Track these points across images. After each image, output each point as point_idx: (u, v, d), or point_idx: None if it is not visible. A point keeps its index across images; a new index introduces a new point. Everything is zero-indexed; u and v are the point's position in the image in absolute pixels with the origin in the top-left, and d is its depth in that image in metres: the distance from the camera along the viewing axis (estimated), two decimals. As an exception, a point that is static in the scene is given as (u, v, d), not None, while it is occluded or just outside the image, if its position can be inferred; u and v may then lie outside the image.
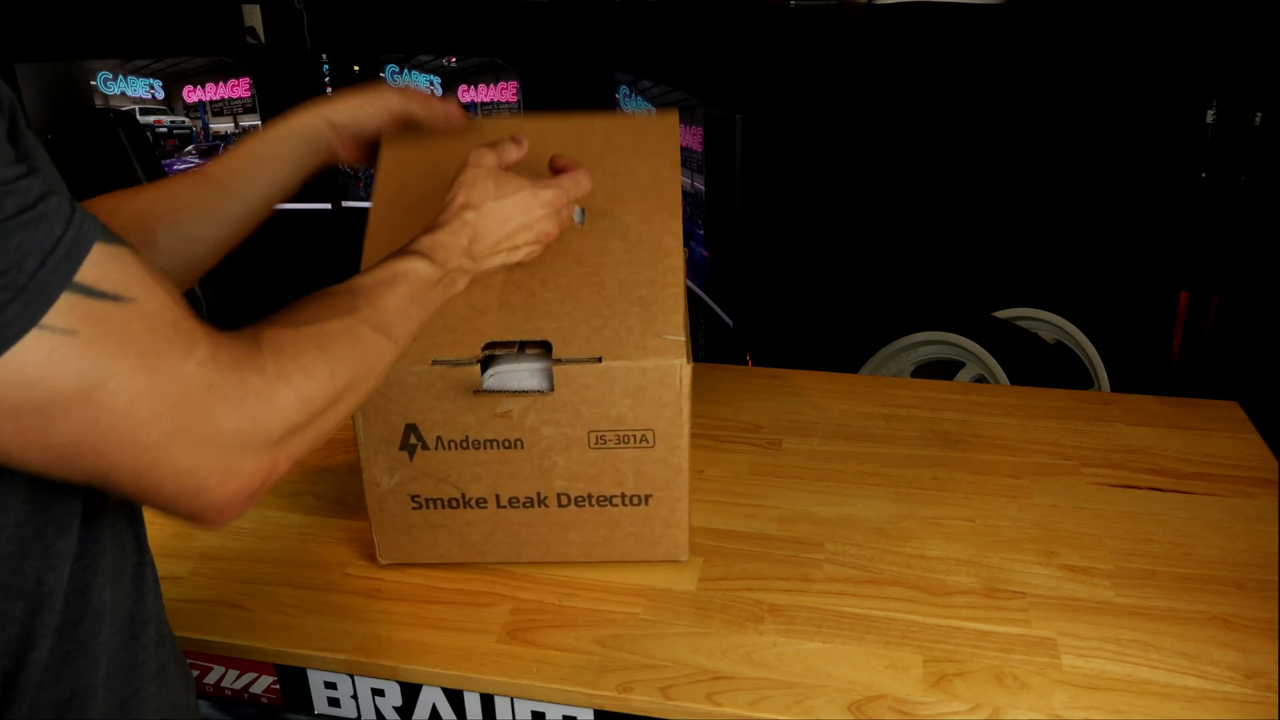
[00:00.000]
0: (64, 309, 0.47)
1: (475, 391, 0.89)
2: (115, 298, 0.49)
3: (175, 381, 0.51)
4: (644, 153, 0.98)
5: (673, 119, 1.01)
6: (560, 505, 0.94)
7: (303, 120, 0.92)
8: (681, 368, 0.88)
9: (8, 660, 0.55)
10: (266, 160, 0.90)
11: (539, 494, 0.94)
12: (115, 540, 0.62)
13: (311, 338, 0.62)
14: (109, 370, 0.48)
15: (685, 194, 1.92)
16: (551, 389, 0.89)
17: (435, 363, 0.89)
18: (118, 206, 0.84)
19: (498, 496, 0.94)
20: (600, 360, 0.88)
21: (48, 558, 0.56)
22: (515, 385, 0.90)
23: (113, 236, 0.50)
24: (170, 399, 0.51)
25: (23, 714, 0.56)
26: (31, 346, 0.46)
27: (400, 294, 0.72)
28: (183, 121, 2.43)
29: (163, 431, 0.51)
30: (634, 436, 0.90)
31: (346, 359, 0.64)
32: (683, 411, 0.89)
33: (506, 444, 0.91)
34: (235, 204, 0.89)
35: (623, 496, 0.94)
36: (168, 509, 0.55)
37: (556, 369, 0.88)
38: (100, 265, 0.49)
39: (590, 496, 0.94)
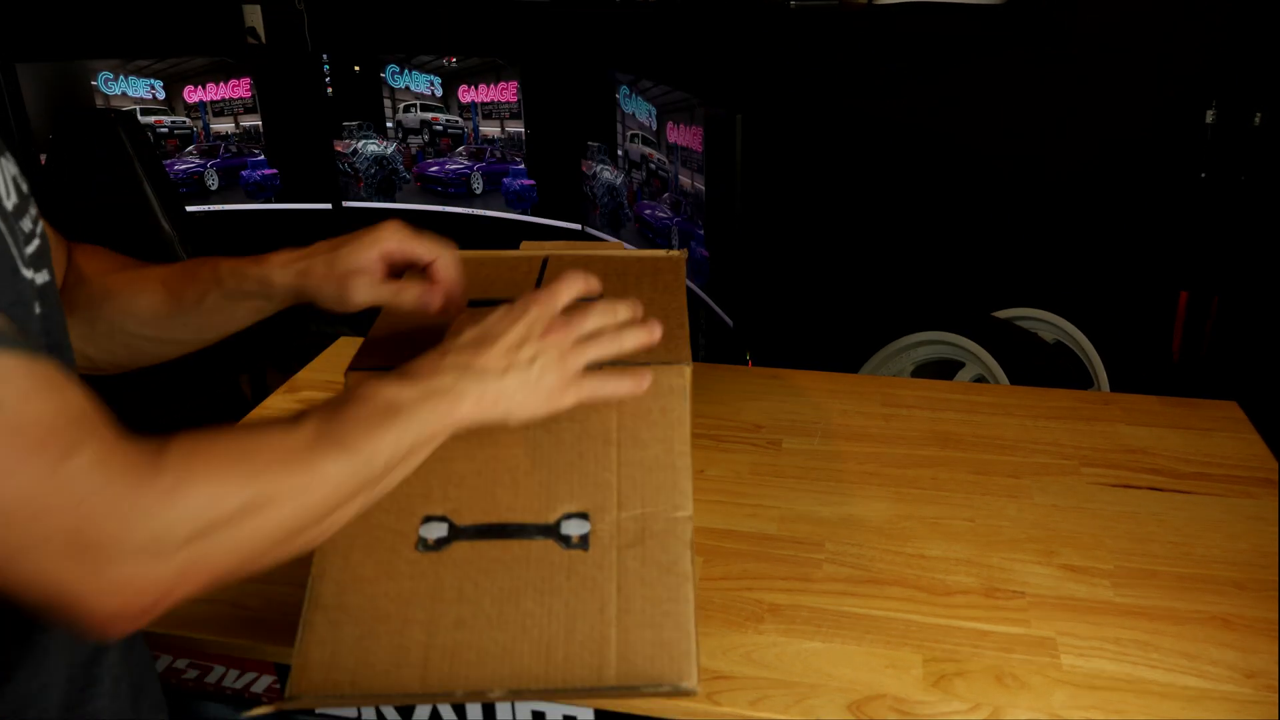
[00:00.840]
0: None
1: None
2: None
3: (38, 488, 0.48)
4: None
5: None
6: None
7: (272, 279, 0.80)
8: (683, 371, 0.88)
9: None
10: (225, 305, 0.81)
11: None
12: None
13: (230, 444, 0.57)
14: None
15: (685, 193, 1.92)
16: None
17: None
18: (101, 268, 0.80)
19: None
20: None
21: None
22: None
23: (5, 341, 0.49)
24: (30, 507, 0.48)
25: None
26: None
27: (360, 406, 0.63)
28: (183, 122, 2.43)
29: (20, 539, 0.48)
30: None
31: (273, 466, 0.57)
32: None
33: None
34: (187, 333, 0.82)
35: None
36: (42, 617, 0.51)
37: None
38: None
39: None
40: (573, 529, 0.80)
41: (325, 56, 2.40)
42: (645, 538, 0.80)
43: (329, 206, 2.51)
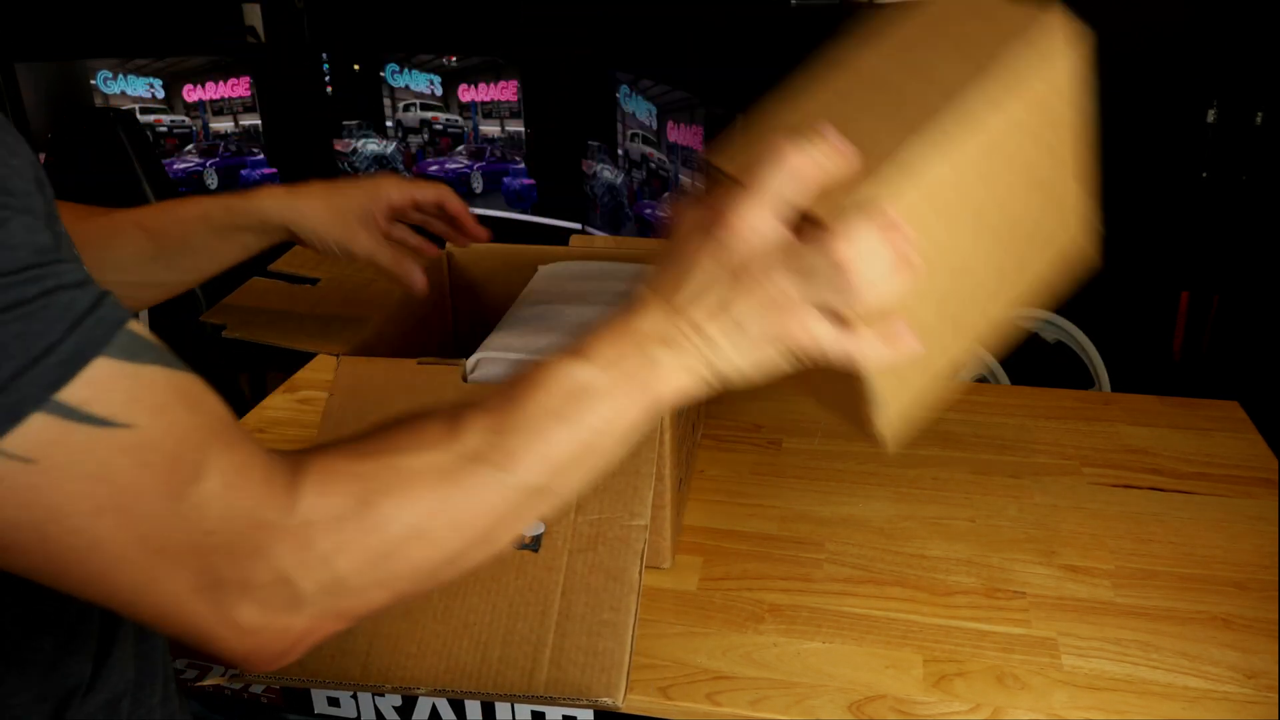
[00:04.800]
0: (30, 432, 0.39)
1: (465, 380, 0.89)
2: (103, 423, 0.41)
3: (157, 524, 0.43)
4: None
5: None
6: None
7: (265, 210, 0.82)
8: None
9: None
10: (211, 242, 0.81)
11: None
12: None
13: (376, 473, 0.48)
14: (67, 509, 0.41)
15: (685, 193, 1.92)
16: None
17: (420, 362, 0.89)
18: (78, 220, 0.77)
19: None
20: None
21: None
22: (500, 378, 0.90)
23: (141, 346, 0.43)
24: (149, 544, 0.43)
25: None
26: None
27: (537, 407, 0.51)
28: (183, 121, 2.43)
29: (139, 575, 0.43)
30: None
31: (423, 494, 0.48)
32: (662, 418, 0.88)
33: None
34: (170, 275, 0.81)
35: None
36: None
37: None
38: (98, 384, 0.41)
39: None
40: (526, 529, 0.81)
41: (325, 55, 2.40)
42: (598, 543, 0.80)
43: (329, 206, 2.51)
